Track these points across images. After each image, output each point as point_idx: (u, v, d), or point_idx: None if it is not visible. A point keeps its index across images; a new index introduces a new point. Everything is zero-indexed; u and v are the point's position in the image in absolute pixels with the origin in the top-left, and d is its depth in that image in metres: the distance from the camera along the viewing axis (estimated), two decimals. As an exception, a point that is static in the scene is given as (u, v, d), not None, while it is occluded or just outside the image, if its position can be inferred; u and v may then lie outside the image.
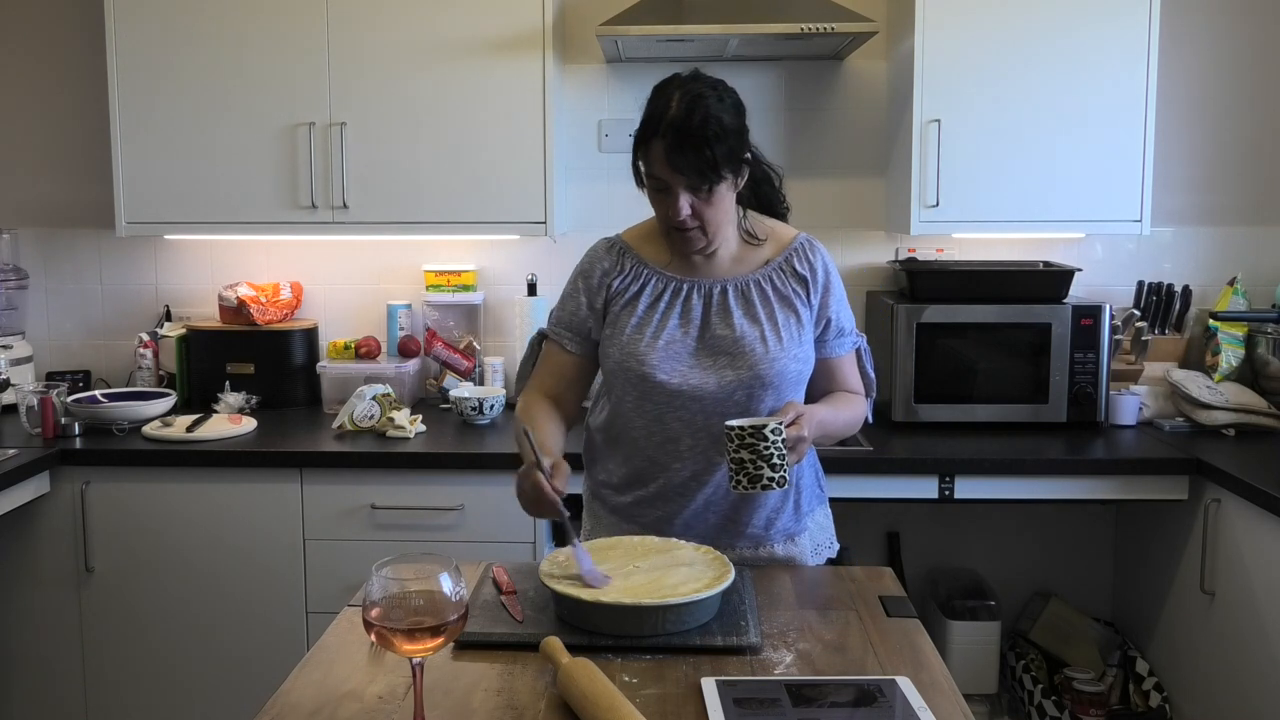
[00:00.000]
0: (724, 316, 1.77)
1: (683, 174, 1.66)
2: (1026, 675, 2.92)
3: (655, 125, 1.67)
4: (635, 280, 1.81)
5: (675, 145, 1.65)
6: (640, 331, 1.77)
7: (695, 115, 1.65)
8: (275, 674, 2.59)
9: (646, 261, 1.82)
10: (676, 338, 1.77)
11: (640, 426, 1.79)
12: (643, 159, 1.71)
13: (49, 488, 2.68)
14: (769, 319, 1.77)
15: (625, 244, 1.85)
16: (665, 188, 1.69)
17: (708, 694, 1.31)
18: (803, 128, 3.19)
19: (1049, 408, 2.85)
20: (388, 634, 1.18)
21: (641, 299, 1.79)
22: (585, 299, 1.83)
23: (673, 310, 1.78)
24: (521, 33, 2.83)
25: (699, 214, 1.70)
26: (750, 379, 1.74)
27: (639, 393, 1.77)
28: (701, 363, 1.76)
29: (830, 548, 1.97)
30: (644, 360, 1.75)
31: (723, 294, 1.78)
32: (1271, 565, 2.28)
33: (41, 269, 3.31)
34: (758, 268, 1.81)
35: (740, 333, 1.75)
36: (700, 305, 1.78)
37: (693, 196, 1.68)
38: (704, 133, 1.64)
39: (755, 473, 1.52)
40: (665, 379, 1.74)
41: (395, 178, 2.90)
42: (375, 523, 2.66)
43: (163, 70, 2.89)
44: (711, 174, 1.66)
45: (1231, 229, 3.18)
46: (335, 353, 3.13)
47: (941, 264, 3.07)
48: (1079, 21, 2.77)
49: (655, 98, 1.71)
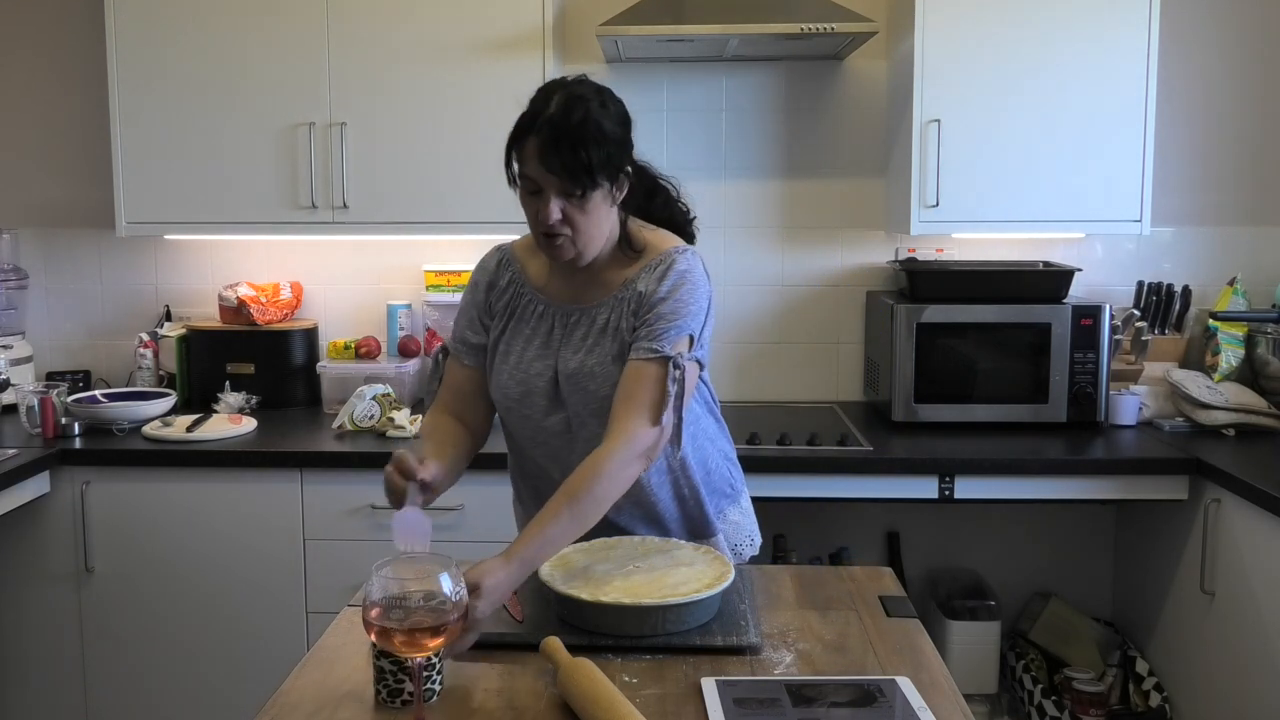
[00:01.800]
0: (570, 346, 1.69)
1: (555, 174, 1.57)
2: (1026, 675, 2.92)
3: (531, 122, 1.58)
4: (512, 298, 1.76)
5: (550, 144, 1.55)
6: (505, 360, 1.74)
7: (573, 115, 1.57)
8: (275, 674, 2.61)
9: (526, 278, 1.76)
10: (536, 369, 1.71)
11: (523, 454, 1.80)
12: (516, 158, 1.61)
13: (49, 488, 2.68)
14: (610, 347, 1.67)
15: (512, 255, 1.80)
16: (537, 190, 1.60)
17: (708, 694, 1.31)
18: (803, 128, 3.19)
19: (1049, 408, 2.85)
20: (388, 634, 1.18)
21: (511, 321, 1.75)
22: (475, 312, 1.80)
23: (536, 336, 1.72)
24: (521, 33, 2.83)
25: (570, 220, 1.60)
26: (597, 409, 1.65)
27: (513, 420, 1.76)
28: (558, 390, 1.69)
29: (751, 545, 1.89)
30: (507, 394, 1.73)
31: (576, 321, 1.71)
32: (1271, 565, 2.28)
33: (41, 269, 3.31)
34: (618, 285, 1.70)
35: (577, 365, 1.67)
36: (560, 331, 1.71)
37: (564, 201, 1.59)
38: (581, 134, 1.56)
39: (395, 686, 1.30)
40: (527, 415, 1.72)
41: (395, 178, 2.90)
42: (375, 523, 2.66)
43: (163, 70, 2.89)
44: (585, 178, 1.57)
45: (1231, 229, 3.18)
46: (335, 353, 3.13)
47: (941, 264, 3.07)
48: (1079, 22, 2.77)
49: (536, 97, 1.63)
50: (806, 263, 3.22)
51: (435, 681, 1.32)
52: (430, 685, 1.31)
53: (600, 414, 1.65)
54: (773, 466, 2.60)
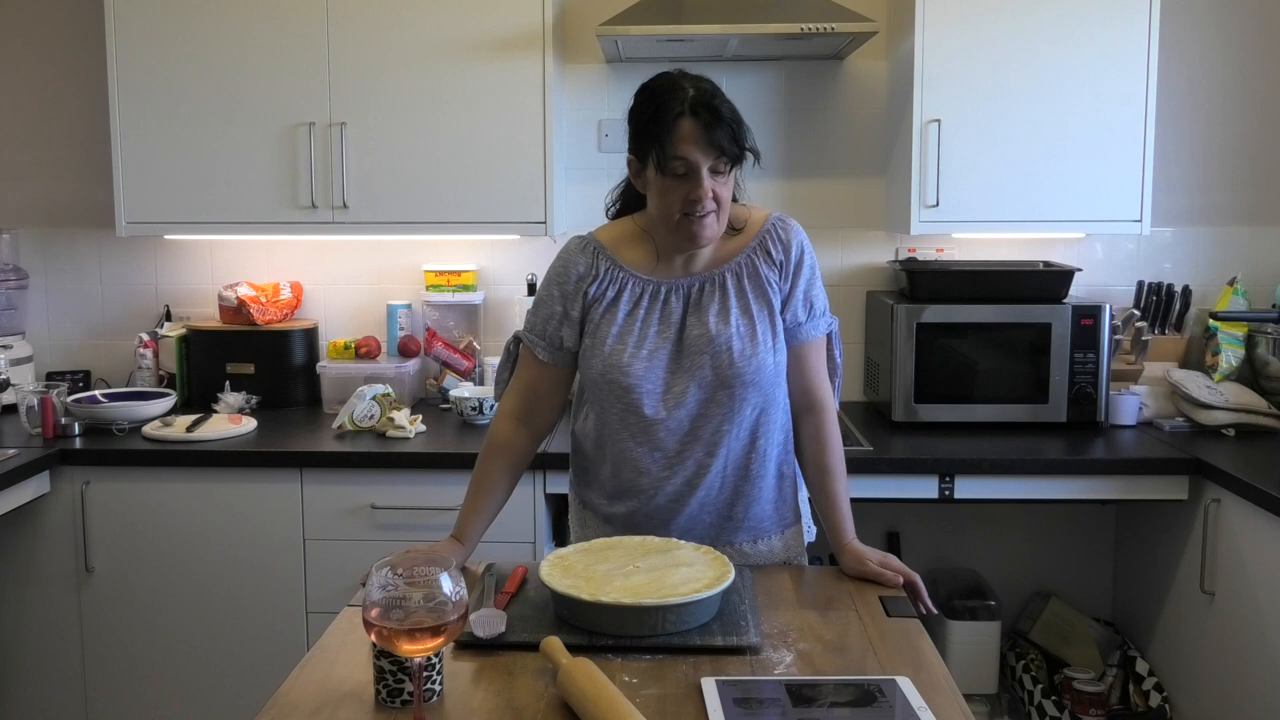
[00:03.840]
0: (699, 315, 1.74)
1: (716, 147, 1.63)
2: (1026, 675, 2.92)
3: (679, 106, 1.63)
4: (613, 285, 1.77)
5: (711, 123, 1.63)
6: (622, 342, 1.74)
7: (717, 97, 1.66)
8: (275, 674, 2.61)
9: (623, 264, 1.78)
10: (657, 345, 1.74)
11: (627, 438, 1.77)
12: (665, 145, 1.64)
13: (49, 488, 2.68)
14: (743, 313, 1.74)
15: (600, 245, 1.80)
16: (688, 171, 1.64)
17: (708, 694, 1.31)
18: (803, 128, 3.19)
19: (1049, 408, 2.85)
20: (388, 634, 1.18)
21: (621, 305, 1.76)
22: (561, 306, 1.79)
23: (653, 314, 1.75)
24: (521, 33, 2.83)
25: (717, 197, 1.67)
26: (730, 378, 1.72)
27: (624, 405, 1.74)
28: (681, 365, 1.74)
29: (811, 530, 1.95)
30: (628, 373, 1.72)
31: (699, 291, 1.76)
32: (1271, 565, 2.28)
33: (41, 269, 3.31)
34: (733, 256, 1.77)
35: (715, 332, 1.72)
36: (680, 305, 1.75)
37: (713, 180, 1.66)
38: (732, 113, 1.66)
39: (395, 686, 1.30)
40: (650, 397, 1.72)
41: (395, 178, 2.90)
42: (375, 523, 2.66)
43: (163, 70, 2.89)
44: (740, 152, 1.66)
45: (1231, 229, 3.18)
46: (335, 353, 3.13)
47: (941, 264, 3.07)
48: (1079, 21, 2.77)
49: (663, 89, 1.67)
50: (806, 263, 3.22)
51: (435, 681, 1.32)
52: (430, 685, 1.31)
53: (728, 383, 1.72)
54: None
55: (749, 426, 1.77)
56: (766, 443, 1.79)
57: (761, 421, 1.78)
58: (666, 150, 1.64)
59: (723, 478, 1.78)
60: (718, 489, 1.78)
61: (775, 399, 1.79)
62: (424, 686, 1.30)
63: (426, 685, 1.30)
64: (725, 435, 1.75)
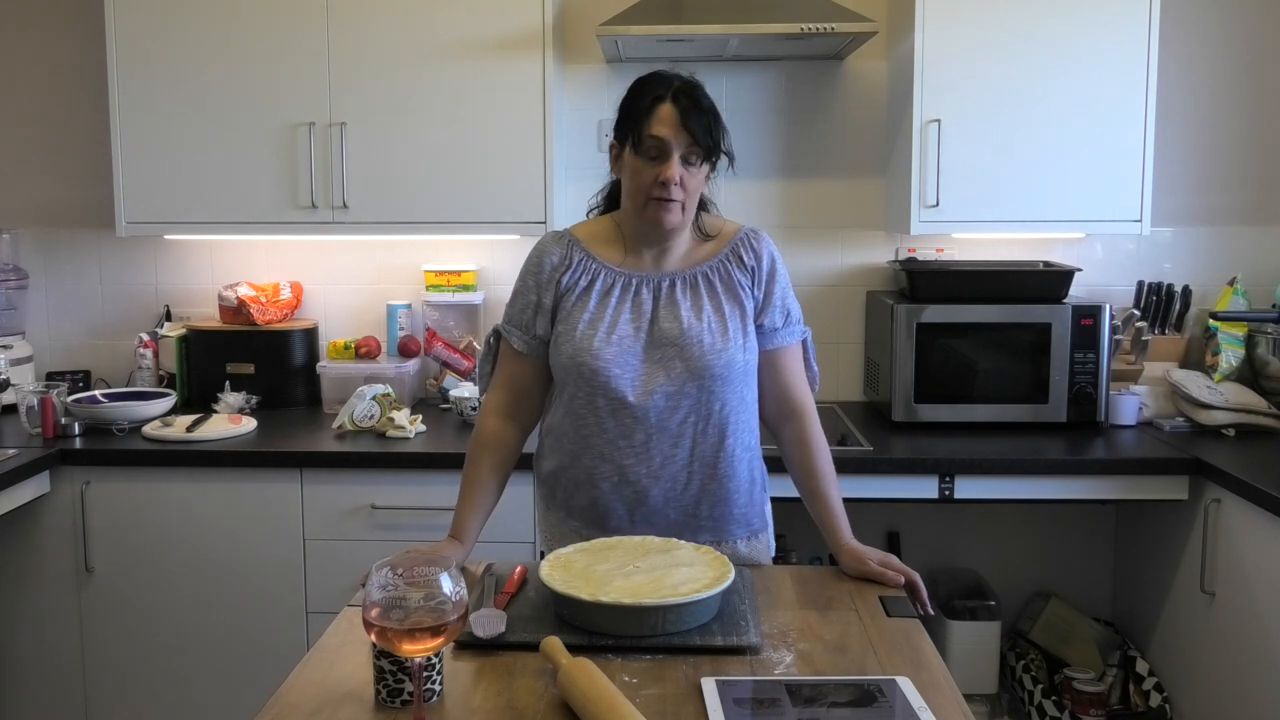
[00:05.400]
0: (672, 309, 1.77)
1: (690, 134, 1.68)
2: (1026, 675, 2.92)
3: (663, 91, 1.70)
4: (585, 274, 1.81)
5: (691, 109, 1.69)
6: (593, 328, 1.77)
7: (699, 91, 1.73)
8: (275, 674, 2.61)
9: (595, 256, 1.82)
10: (628, 334, 1.77)
11: (593, 424, 1.78)
12: (641, 125, 1.70)
13: (49, 488, 2.68)
14: (715, 310, 1.78)
15: (575, 238, 1.85)
16: (660, 153, 1.70)
17: (708, 694, 1.31)
18: (803, 128, 3.19)
19: (1049, 408, 2.85)
20: (388, 634, 1.18)
21: (592, 294, 1.79)
22: (536, 295, 1.83)
23: (624, 305, 1.78)
24: (521, 33, 2.83)
25: (684, 185, 1.72)
26: (700, 370, 1.75)
27: (591, 389, 1.77)
28: (651, 356, 1.76)
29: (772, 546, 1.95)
30: (597, 357, 1.75)
31: (671, 287, 1.79)
32: (1271, 565, 2.28)
33: (41, 269, 3.31)
34: (706, 260, 1.82)
35: (687, 325, 1.76)
36: (650, 299, 1.79)
37: (683, 168, 1.70)
38: (712, 108, 1.72)
39: (395, 686, 1.30)
40: (617, 381, 1.74)
41: (395, 178, 2.90)
42: (375, 523, 2.66)
43: (163, 70, 2.89)
44: (712, 144, 1.71)
45: (1231, 229, 3.18)
46: (335, 353, 3.13)
47: (941, 264, 3.07)
48: (1079, 21, 2.77)
49: (650, 79, 1.74)
50: (806, 263, 3.22)
51: (435, 681, 1.32)
52: (430, 685, 1.31)
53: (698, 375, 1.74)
54: (772, 467, 2.59)
55: (717, 423, 1.79)
56: (735, 443, 1.81)
57: (730, 420, 1.79)
58: (642, 129, 1.70)
59: (689, 473, 1.79)
60: (684, 484, 1.79)
61: (745, 399, 1.82)
62: (424, 686, 1.30)
63: (426, 685, 1.30)
64: (691, 428, 1.77)
